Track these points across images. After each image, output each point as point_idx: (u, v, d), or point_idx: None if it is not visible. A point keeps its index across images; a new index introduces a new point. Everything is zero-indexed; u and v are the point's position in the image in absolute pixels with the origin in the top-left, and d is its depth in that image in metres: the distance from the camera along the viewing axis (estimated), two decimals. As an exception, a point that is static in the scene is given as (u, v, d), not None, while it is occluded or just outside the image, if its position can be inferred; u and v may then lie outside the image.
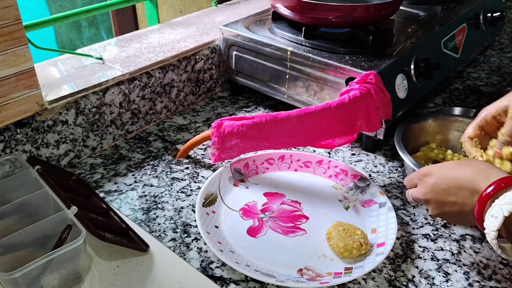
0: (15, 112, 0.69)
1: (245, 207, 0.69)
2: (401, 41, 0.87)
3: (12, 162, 0.67)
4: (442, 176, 0.56)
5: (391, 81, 0.79)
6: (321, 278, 0.57)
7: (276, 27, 0.91)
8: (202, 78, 0.97)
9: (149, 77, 0.85)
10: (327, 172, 0.76)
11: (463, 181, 0.54)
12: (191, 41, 0.95)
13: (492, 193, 0.50)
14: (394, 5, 0.86)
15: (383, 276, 0.59)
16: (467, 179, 0.54)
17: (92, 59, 0.87)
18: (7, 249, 0.54)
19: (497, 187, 0.50)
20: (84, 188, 0.70)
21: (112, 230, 0.60)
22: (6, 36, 0.63)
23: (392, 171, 0.78)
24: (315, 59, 0.81)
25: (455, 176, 0.55)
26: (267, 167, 0.77)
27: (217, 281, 0.58)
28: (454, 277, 0.59)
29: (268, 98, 0.99)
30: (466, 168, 0.55)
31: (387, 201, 0.68)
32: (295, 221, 0.67)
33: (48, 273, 0.53)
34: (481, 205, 0.51)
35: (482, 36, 1.14)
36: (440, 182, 0.56)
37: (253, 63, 0.90)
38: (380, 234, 0.63)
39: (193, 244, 0.63)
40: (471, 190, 0.53)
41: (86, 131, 0.78)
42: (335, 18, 0.83)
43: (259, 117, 0.69)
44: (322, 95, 0.82)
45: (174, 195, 0.72)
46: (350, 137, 0.74)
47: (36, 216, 0.58)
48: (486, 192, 0.50)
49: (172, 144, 0.85)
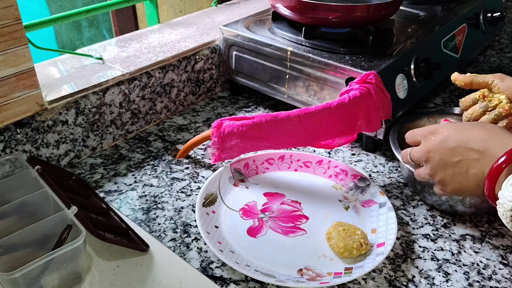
0: (15, 112, 0.69)
1: (245, 207, 0.69)
2: (401, 41, 0.87)
3: (12, 162, 0.67)
4: (452, 134, 0.53)
5: (391, 81, 0.79)
6: (321, 278, 0.57)
7: (276, 27, 0.91)
8: (202, 78, 0.97)
9: (149, 77, 0.85)
10: (327, 172, 0.76)
11: (474, 141, 0.51)
12: (191, 41, 0.95)
13: (505, 165, 0.47)
14: (394, 5, 0.86)
15: (383, 276, 0.59)
16: (479, 140, 0.50)
17: (92, 59, 0.87)
18: (7, 249, 0.54)
19: (509, 157, 0.47)
20: (84, 188, 0.70)
21: (112, 230, 0.60)
22: (6, 36, 0.63)
23: (392, 171, 0.78)
24: (315, 59, 0.81)
25: (466, 135, 0.52)
26: (267, 167, 0.77)
27: (217, 281, 0.58)
28: (454, 277, 0.59)
29: (268, 98, 0.99)
30: (479, 129, 0.52)
31: (387, 201, 0.68)
32: (295, 221, 0.67)
33: (48, 273, 0.53)
34: (493, 175, 0.48)
35: (482, 36, 1.14)
36: (449, 140, 0.53)
37: (253, 63, 0.90)
38: (380, 234, 0.63)
39: (193, 244, 0.63)
40: (482, 152, 0.49)
41: (86, 131, 0.78)
42: (335, 18, 0.83)
43: (259, 117, 0.69)
44: (322, 95, 0.82)
45: (174, 195, 0.72)
46: (350, 137, 0.74)
47: (36, 216, 0.58)
48: (498, 163, 0.47)
49: (172, 144, 0.85)
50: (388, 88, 0.73)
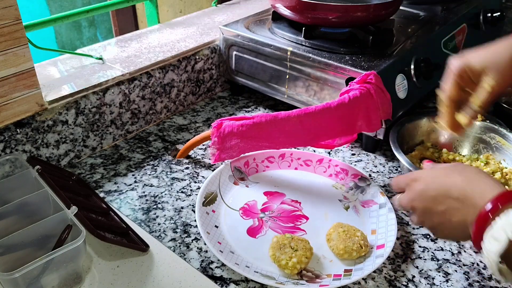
0: (15, 112, 0.69)
1: (245, 207, 0.69)
2: (401, 41, 0.87)
3: (12, 162, 0.67)
4: (431, 182, 0.53)
5: (391, 81, 0.79)
6: (320, 280, 0.57)
7: (276, 27, 0.91)
8: (202, 78, 0.97)
9: (149, 77, 0.85)
10: (327, 171, 0.76)
11: (453, 189, 0.50)
12: (191, 41, 0.95)
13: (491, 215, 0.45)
14: (394, 5, 0.86)
15: (383, 276, 0.59)
16: (457, 188, 0.50)
17: (92, 59, 0.87)
18: (7, 249, 0.54)
19: (495, 207, 0.45)
20: (84, 188, 0.70)
21: (112, 230, 0.60)
22: (6, 36, 0.63)
23: (392, 171, 0.78)
24: (315, 59, 0.81)
25: (445, 183, 0.51)
26: (267, 166, 0.77)
27: (217, 281, 0.58)
28: (454, 277, 0.59)
29: (268, 98, 0.99)
30: (456, 176, 0.51)
31: (387, 202, 0.68)
32: (295, 221, 0.67)
33: (48, 273, 0.53)
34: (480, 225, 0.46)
35: (482, 36, 1.14)
36: (428, 188, 0.52)
37: (253, 63, 0.90)
38: (380, 235, 0.63)
39: (193, 244, 0.63)
40: (462, 200, 0.49)
41: (86, 131, 0.78)
42: (335, 18, 0.82)
43: (259, 117, 0.69)
44: (322, 95, 0.82)
45: (174, 195, 0.72)
46: (350, 137, 0.74)
47: (36, 216, 0.58)
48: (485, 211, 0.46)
49: (172, 144, 0.85)
50: (388, 88, 0.73)
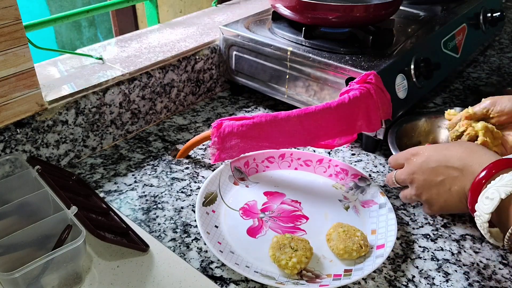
0: (15, 112, 0.69)
1: (245, 207, 0.69)
2: (401, 41, 0.87)
3: (12, 162, 0.67)
4: (432, 154, 0.56)
5: (391, 81, 0.79)
6: (320, 280, 0.57)
7: (276, 27, 0.91)
8: (202, 78, 0.97)
9: (149, 77, 0.85)
10: (327, 171, 0.76)
11: (453, 159, 0.53)
12: (191, 41, 0.95)
13: (484, 180, 0.49)
14: (394, 5, 0.86)
15: (383, 276, 0.59)
16: (457, 158, 0.53)
17: (92, 59, 0.87)
18: (7, 249, 0.54)
19: (489, 172, 0.49)
20: (84, 188, 0.70)
21: (112, 230, 0.60)
22: (6, 36, 0.63)
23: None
24: (315, 59, 0.81)
25: (446, 154, 0.54)
26: (267, 166, 0.77)
27: (217, 281, 0.58)
28: (454, 277, 0.59)
29: (268, 98, 0.99)
30: (457, 148, 0.55)
31: (387, 202, 0.68)
32: (295, 221, 0.67)
33: (48, 273, 0.53)
34: (475, 190, 0.50)
35: (482, 36, 1.14)
36: (430, 160, 0.55)
37: (253, 63, 0.90)
38: (380, 235, 0.63)
39: (193, 244, 0.63)
40: (461, 169, 0.52)
41: (86, 131, 0.78)
42: (335, 18, 0.82)
43: (259, 117, 0.69)
44: (322, 95, 0.82)
45: (174, 195, 0.72)
46: (350, 137, 0.74)
47: (36, 216, 0.58)
48: (479, 178, 0.49)
49: (172, 144, 0.85)
50: (388, 88, 0.73)
